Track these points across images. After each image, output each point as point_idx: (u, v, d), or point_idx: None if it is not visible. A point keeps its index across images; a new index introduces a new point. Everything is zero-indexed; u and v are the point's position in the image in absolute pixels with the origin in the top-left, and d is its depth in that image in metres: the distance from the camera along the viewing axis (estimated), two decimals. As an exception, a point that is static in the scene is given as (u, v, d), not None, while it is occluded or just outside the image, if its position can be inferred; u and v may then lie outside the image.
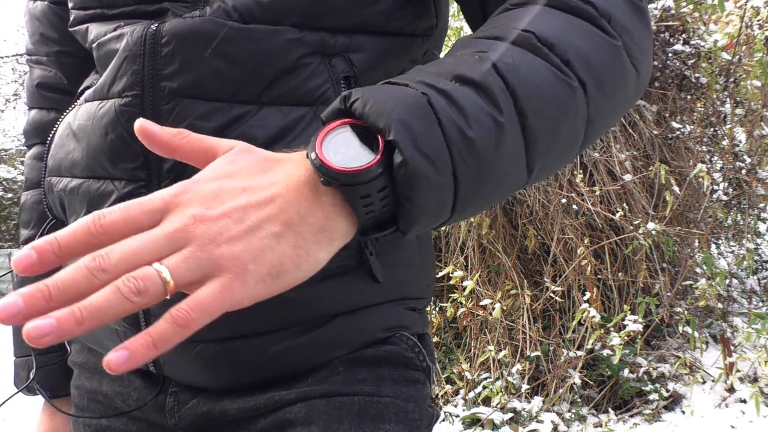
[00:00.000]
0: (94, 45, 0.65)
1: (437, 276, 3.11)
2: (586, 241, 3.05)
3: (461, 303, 3.04)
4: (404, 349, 0.66)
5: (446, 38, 0.73)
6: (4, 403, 0.65)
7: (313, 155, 0.41)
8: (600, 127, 0.51)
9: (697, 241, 3.43)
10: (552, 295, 3.02)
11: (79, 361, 0.74)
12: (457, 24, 3.20)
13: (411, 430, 0.62)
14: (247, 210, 0.39)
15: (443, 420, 3.01)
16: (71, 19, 0.69)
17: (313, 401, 0.60)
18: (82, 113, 0.64)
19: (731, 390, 2.91)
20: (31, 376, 0.77)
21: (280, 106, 0.58)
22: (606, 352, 2.92)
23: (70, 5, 0.69)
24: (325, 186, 0.41)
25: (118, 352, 0.34)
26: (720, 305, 3.38)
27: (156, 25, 0.58)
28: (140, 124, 0.42)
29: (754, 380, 2.98)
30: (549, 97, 0.46)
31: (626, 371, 2.96)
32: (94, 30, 0.65)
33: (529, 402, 2.96)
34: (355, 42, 0.61)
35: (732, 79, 3.43)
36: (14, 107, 11.11)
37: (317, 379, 0.62)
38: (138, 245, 0.36)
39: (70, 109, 0.69)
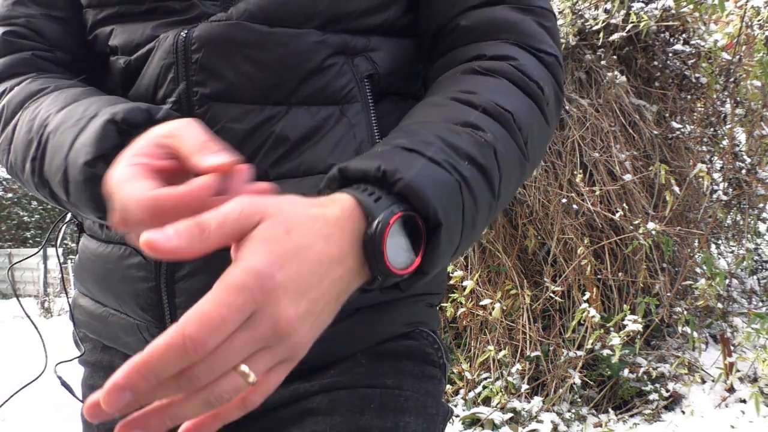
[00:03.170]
0: (123, 59, 0.63)
1: (437, 276, 3.10)
2: (586, 241, 3.05)
3: (461, 303, 3.04)
4: (424, 344, 0.68)
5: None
6: (3, 404, 0.65)
7: (378, 252, 0.43)
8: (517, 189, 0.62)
9: (697, 241, 3.43)
10: (552, 295, 3.02)
11: (92, 361, 0.74)
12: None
13: (429, 424, 0.64)
14: (318, 300, 0.41)
15: (443, 420, 3.01)
16: (88, 24, 0.67)
17: (337, 392, 0.62)
18: None
19: (731, 390, 2.91)
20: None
21: (309, 106, 0.61)
22: (606, 352, 2.92)
23: (83, 3, 0.67)
24: (371, 274, 0.45)
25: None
26: (720, 305, 3.38)
27: (186, 31, 0.59)
28: (145, 241, 0.37)
29: (754, 380, 2.98)
30: (514, 176, 0.56)
31: (626, 371, 2.96)
32: (121, 35, 0.64)
33: (529, 402, 2.96)
34: (374, 42, 0.64)
35: (732, 79, 3.43)
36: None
37: (340, 371, 0.64)
38: (231, 358, 0.37)
39: None
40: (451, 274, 3.01)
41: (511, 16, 0.62)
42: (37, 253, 0.82)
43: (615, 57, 3.26)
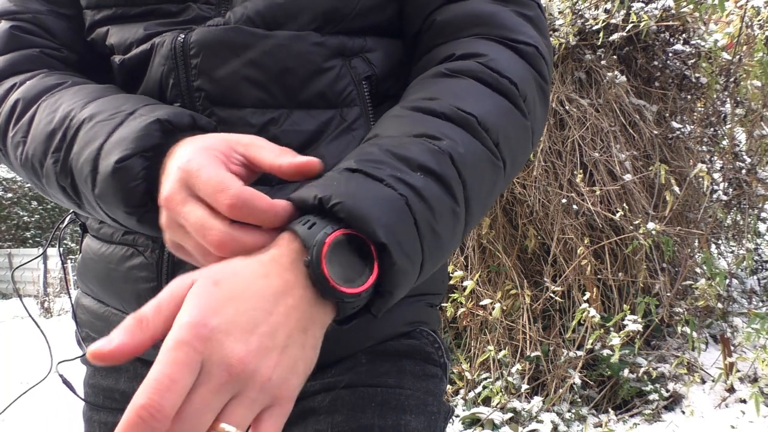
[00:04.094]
0: (118, 57, 0.64)
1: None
2: (586, 241, 3.05)
3: (461, 303, 3.04)
4: (425, 344, 0.69)
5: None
6: (5, 409, 0.65)
7: (319, 274, 0.42)
8: (499, 193, 0.59)
9: (697, 241, 3.43)
10: (552, 295, 3.02)
11: None
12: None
13: (430, 423, 0.64)
14: (273, 333, 0.40)
15: (443, 420, 3.01)
16: (87, 25, 0.67)
17: (338, 391, 0.62)
18: None
19: (731, 390, 2.91)
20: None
21: (309, 109, 0.61)
22: (606, 352, 2.92)
23: (83, 4, 0.67)
24: (324, 299, 0.44)
25: None
26: (720, 305, 3.38)
27: (183, 35, 0.59)
28: (91, 352, 0.38)
29: (754, 380, 2.98)
30: (485, 179, 0.54)
31: (626, 371, 2.96)
32: (116, 34, 0.64)
33: (529, 402, 2.96)
34: (369, 43, 0.63)
35: (732, 79, 3.43)
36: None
37: (341, 371, 0.64)
38: (198, 417, 0.36)
39: None
40: (451, 274, 3.01)
41: (486, 8, 0.60)
42: (40, 255, 0.82)
43: (615, 57, 3.26)
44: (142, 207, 0.51)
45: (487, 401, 3.02)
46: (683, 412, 2.88)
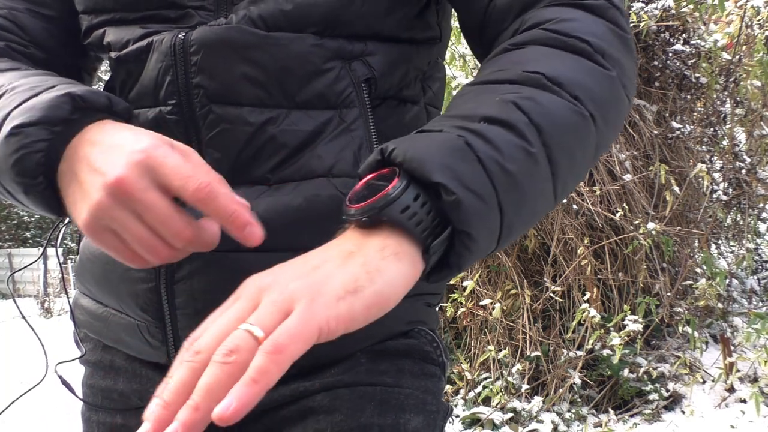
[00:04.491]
0: (114, 53, 0.64)
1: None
2: (586, 241, 3.05)
3: (461, 303, 3.04)
4: (423, 343, 0.69)
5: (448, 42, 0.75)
6: (3, 411, 0.65)
7: (344, 207, 0.44)
8: (604, 151, 0.56)
9: (697, 241, 3.43)
10: (552, 295, 3.02)
11: (93, 360, 0.74)
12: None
13: (429, 422, 0.65)
14: (306, 258, 0.42)
15: (443, 420, 3.01)
16: (83, 29, 0.68)
17: (337, 390, 0.62)
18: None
19: (731, 390, 2.91)
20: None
21: (308, 110, 0.61)
22: (606, 352, 2.92)
23: (79, 9, 0.68)
24: (367, 223, 0.43)
25: (226, 402, 0.34)
26: (720, 305, 3.38)
27: (184, 33, 0.60)
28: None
29: (754, 380, 2.98)
30: (568, 128, 0.49)
31: (626, 371, 2.96)
32: (113, 34, 0.64)
33: (529, 402, 2.96)
34: (370, 48, 0.64)
35: (732, 79, 3.44)
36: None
37: (340, 370, 0.64)
38: (223, 322, 0.39)
39: None
40: (451, 274, 3.00)
41: None
42: (38, 259, 0.81)
43: (615, 57, 3.26)
44: (32, 179, 0.50)
45: (487, 401, 3.02)
46: (683, 412, 2.88)
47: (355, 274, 0.40)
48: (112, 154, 0.48)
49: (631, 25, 3.06)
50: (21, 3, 0.69)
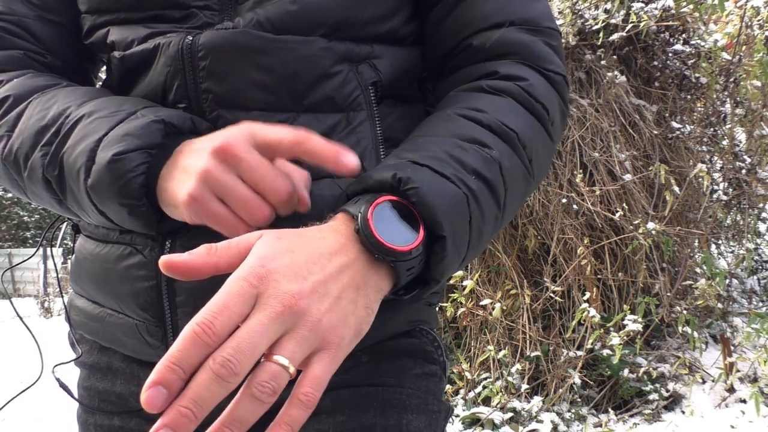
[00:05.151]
0: (118, 53, 0.64)
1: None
2: (586, 241, 3.05)
3: (461, 303, 3.04)
4: (425, 342, 0.69)
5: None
6: (4, 406, 0.65)
7: (368, 232, 0.47)
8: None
9: (697, 241, 3.43)
10: (552, 295, 3.02)
11: (89, 362, 0.73)
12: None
13: (431, 422, 0.65)
14: (326, 283, 0.44)
15: (443, 420, 3.01)
16: (86, 28, 0.68)
17: (338, 391, 0.62)
18: None
19: (731, 390, 2.92)
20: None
21: (317, 113, 0.62)
22: (606, 352, 2.92)
23: (82, 9, 0.67)
24: (377, 260, 0.47)
25: None
26: (720, 305, 3.38)
27: (191, 37, 0.60)
28: (163, 261, 0.43)
29: (754, 380, 2.98)
30: (519, 191, 0.59)
31: (626, 371, 2.96)
32: (117, 33, 0.64)
33: (529, 402, 2.96)
34: (377, 50, 0.65)
35: (732, 79, 3.43)
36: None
37: (341, 370, 0.63)
38: (253, 338, 0.39)
39: None
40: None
41: (522, 37, 0.64)
42: (34, 254, 0.81)
43: (615, 57, 3.26)
44: (135, 200, 0.53)
45: (487, 401, 3.02)
46: (683, 412, 2.88)
47: (361, 318, 0.46)
48: (212, 136, 0.52)
49: (631, 24, 3.07)
50: (31, 10, 0.68)
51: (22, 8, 0.68)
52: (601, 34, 3.12)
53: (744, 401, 2.84)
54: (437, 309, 0.74)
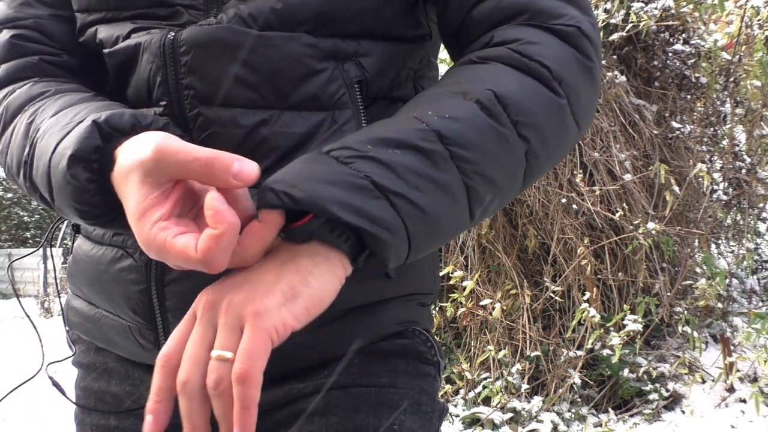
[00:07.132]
0: (105, 50, 0.64)
1: (437, 276, 3.10)
2: (586, 241, 3.05)
3: (461, 303, 3.04)
4: (417, 343, 0.68)
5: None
6: (4, 398, 0.65)
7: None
8: (539, 173, 0.58)
9: (697, 241, 3.43)
10: (552, 295, 3.02)
11: (85, 362, 0.73)
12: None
13: (424, 422, 0.64)
14: (246, 277, 0.47)
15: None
16: (77, 26, 0.68)
17: (331, 392, 0.62)
18: None
19: (731, 390, 2.92)
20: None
21: (301, 111, 0.60)
22: (606, 351, 2.92)
23: (74, 8, 0.67)
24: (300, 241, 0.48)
25: None
26: (720, 305, 3.38)
27: (173, 33, 0.59)
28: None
29: (754, 380, 2.98)
30: (503, 159, 0.53)
31: (626, 371, 2.96)
32: (105, 31, 0.64)
33: (529, 402, 2.96)
34: (364, 47, 0.63)
35: (732, 79, 3.44)
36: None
37: (333, 372, 0.63)
38: (193, 349, 0.45)
39: None
40: (450, 274, 3.01)
41: None
42: (35, 251, 0.82)
43: (615, 57, 3.26)
44: (100, 216, 0.53)
45: (487, 401, 3.02)
46: (683, 412, 2.88)
47: (290, 282, 0.45)
48: (133, 148, 0.50)
49: (631, 24, 3.07)
50: (44, 9, 0.68)
51: (35, 10, 0.68)
52: (600, 34, 3.12)
53: (744, 401, 2.84)
54: (432, 310, 0.73)
